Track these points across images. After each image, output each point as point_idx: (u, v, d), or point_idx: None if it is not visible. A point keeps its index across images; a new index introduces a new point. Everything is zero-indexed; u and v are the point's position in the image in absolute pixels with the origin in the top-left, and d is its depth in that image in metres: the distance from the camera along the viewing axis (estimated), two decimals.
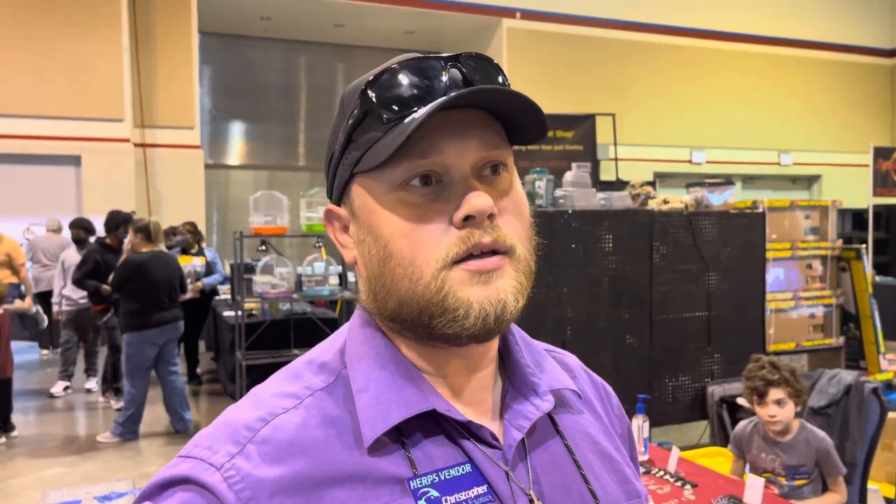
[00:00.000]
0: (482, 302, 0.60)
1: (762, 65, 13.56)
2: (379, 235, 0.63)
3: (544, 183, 4.26)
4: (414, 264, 0.61)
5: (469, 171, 0.62)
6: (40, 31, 9.08)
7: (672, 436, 4.55)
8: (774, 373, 2.76)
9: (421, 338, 0.65)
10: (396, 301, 0.63)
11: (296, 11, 11.31)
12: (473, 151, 0.62)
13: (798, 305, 5.19)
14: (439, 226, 0.61)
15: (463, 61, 0.64)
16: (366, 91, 0.63)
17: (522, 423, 0.66)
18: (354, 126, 0.64)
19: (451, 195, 0.61)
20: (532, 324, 3.98)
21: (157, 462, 4.87)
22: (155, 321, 5.28)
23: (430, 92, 0.62)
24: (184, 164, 10.27)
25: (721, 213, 4.64)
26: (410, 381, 0.63)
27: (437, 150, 0.61)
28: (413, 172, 0.61)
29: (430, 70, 0.62)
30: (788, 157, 13.87)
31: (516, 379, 0.70)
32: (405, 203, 0.61)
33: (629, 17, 12.44)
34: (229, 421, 0.63)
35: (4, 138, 8.98)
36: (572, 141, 8.31)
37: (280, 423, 0.61)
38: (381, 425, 0.60)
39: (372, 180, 0.63)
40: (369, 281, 0.65)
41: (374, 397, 0.62)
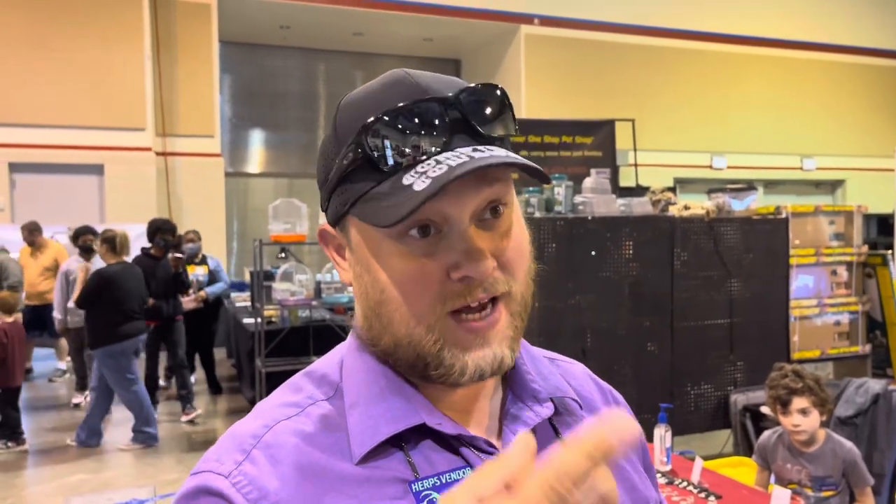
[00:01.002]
0: (478, 361, 0.61)
1: (784, 69, 13.43)
2: (377, 279, 0.63)
3: (563, 189, 4.23)
4: (411, 313, 0.61)
5: (468, 219, 0.61)
6: (64, 42, 9.22)
7: (694, 445, 4.49)
8: (798, 381, 2.72)
9: (414, 376, 0.65)
10: (392, 341, 0.63)
11: (315, 20, 11.38)
12: (474, 197, 0.60)
13: (823, 312, 5.10)
14: (438, 279, 0.60)
15: (464, 100, 0.62)
16: (361, 135, 0.61)
17: (521, 429, 0.66)
18: (349, 166, 0.62)
19: (450, 246, 0.60)
20: (551, 332, 3.95)
21: (177, 469, 4.89)
22: (127, 332, 5.27)
23: (428, 140, 0.60)
24: (204, 172, 10.36)
25: (743, 218, 4.58)
26: (400, 396, 0.64)
27: (437, 199, 0.58)
28: (413, 221, 0.59)
29: (429, 114, 0.60)
30: (811, 162, 13.70)
31: (517, 385, 0.70)
32: (403, 254, 0.61)
33: (648, 23, 12.38)
34: (235, 433, 0.64)
35: (29, 148, 9.12)
36: (591, 147, 8.25)
37: (283, 428, 0.63)
38: (369, 441, 0.61)
39: (368, 226, 0.62)
40: (365, 313, 0.66)
41: (363, 413, 0.63)
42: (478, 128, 0.62)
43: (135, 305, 5.36)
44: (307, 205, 5.79)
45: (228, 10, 10.69)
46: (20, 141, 9.10)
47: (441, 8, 11.32)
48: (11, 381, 5.29)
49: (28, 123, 9.12)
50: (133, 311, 5.33)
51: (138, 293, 5.43)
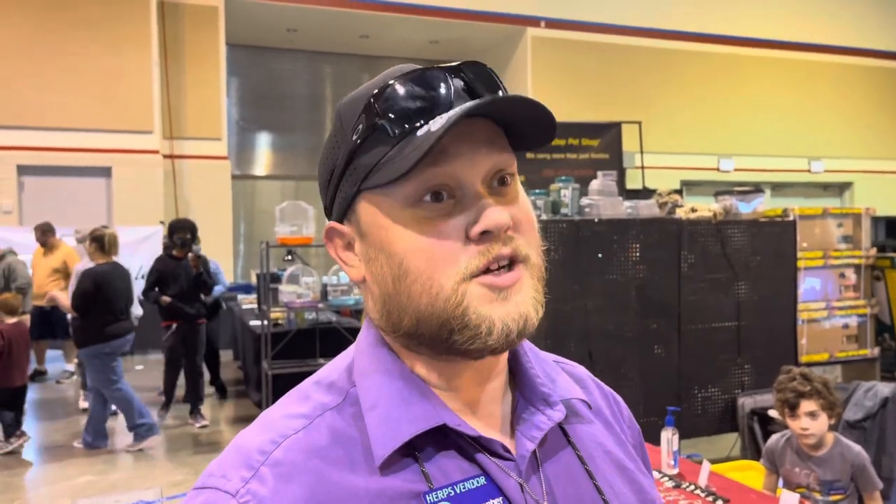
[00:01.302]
0: (504, 319, 0.60)
1: (791, 71, 13.39)
2: (393, 252, 0.62)
3: (570, 192, 4.23)
4: (433, 279, 0.60)
5: (480, 182, 0.61)
6: (74, 47, 9.28)
7: (701, 448, 4.47)
8: (806, 384, 2.70)
9: (439, 353, 0.64)
10: (414, 317, 0.62)
11: (321, 23, 11.42)
12: (484, 160, 0.61)
13: (831, 315, 5.08)
14: (456, 240, 0.60)
15: (465, 70, 0.63)
16: (370, 105, 0.62)
17: (534, 434, 0.66)
18: (359, 140, 0.62)
19: (465, 209, 0.61)
20: (558, 334, 3.94)
21: (183, 471, 4.90)
22: (114, 332, 5.24)
23: (435, 103, 0.61)
24: (211, 174, 10.40)
25: (750, 221, 4.57)
26: (420, 396, 0.63)
27: (448, 161, 0.60)
28: (426, 185, 0.60)
29: (434, 81, 0.62)
30: (819, 164, 13.64)
31: (527, 389, 0.70)
32: (419, 219, 0.61)
33: (655, 25, 12.37)
34: (241, 446, 0.63)
35: (38, 150, 9.17)
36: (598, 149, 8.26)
37: (291, 444, 0.61)
38: (391, 443, 0.60)
39: (382, 196, 0.62)
40: (382, 299, 0.65)
41: (384, 415, 0.62)
42: (481, 94, 0.63)
43: (122, 306, 5.33)
44: (314, 207, 5.79)
45: (235, 13, 10.73)
46: (29, 144, 9.15)
47: (447, 11, 11.33)
48: (9, 382, 5.31)
49: (37, 126, 9.17)
50: (121, 312, 5.29)
51: (126, 294, 5.39)
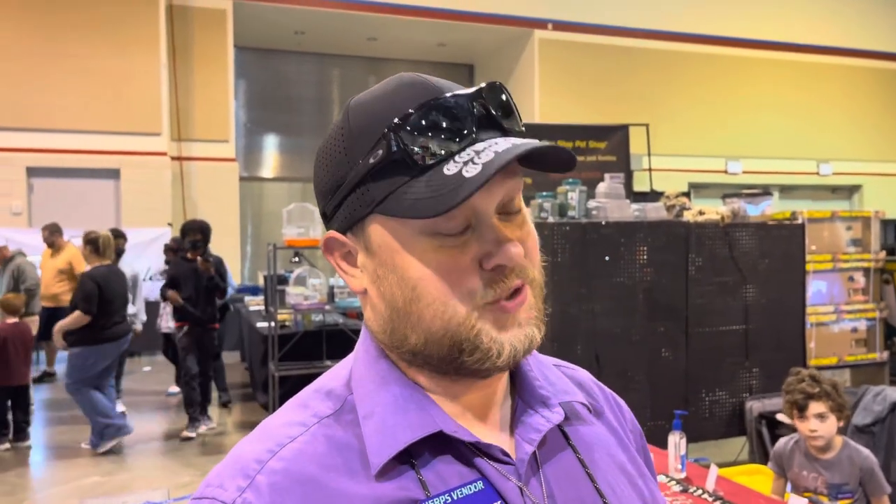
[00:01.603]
0: (513, 341, 0.62)
1: (799, 73, 13.34)
2: (405, 277, 0.62)
3: (577, 194, 4.22)
4: (447, 305, 0.61)
5: (493, 213, 0.62)
6: (83, 49, 9.33)
7: (709, 452, 4.45)
8: (815, 386, 2.69)
9: (446, 372, 0.64)
10: (422, 337, 0.63)
11: (329, 25, 11.45)
12: (499, 189, 0.62)
13: (840, 319, 5.05)
14: (470, 269, 0.61)
15: (486, 96, 0.63)
16: (390, 132, 0.60)
17: (533, 437, 0.66)
18: (376, 166, 0.61)
19: (480, 238, 0.61)
20: (565, 337, 3.94)
21: (190, 472, 4.91)
22: (111, 335, 5.23)
23: (459, 135, 0.60)
24: (219, 176, 10.44)
25: (759, 224, 4.55)
26: (415, 403, 0.64)
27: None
28: (447, 223, 0.61)
29: (458, 110, 0.61)
30: (828, 167, 13.59)
31: (525, 392, 0.70)
32: (435, 248, 0.61)
33: (662, 27, 12.35)
34: (238, 456, 0.63)
35: (47, 152, 9.22)
36: (605, 151, 8.24)
37: (287, 454, 0.61)
38: (387, 451, 0.60)
39: (397, 223, 0.62)
40: (389, 316, 0.64)
41: (380, 422, 0.62)
42: (501, 122, 0.63)
43: (118, 308, 5.31)
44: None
45: (244, 16, 10.77)
46: (38, 146, 9.21)
47: (455, 13, 11.35)
48: (7, 381, 5.34)
49: (46, 128, 9.23)
50: (116, 314, 5.27)
51: (122, 297, 5.38)
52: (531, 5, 11.71)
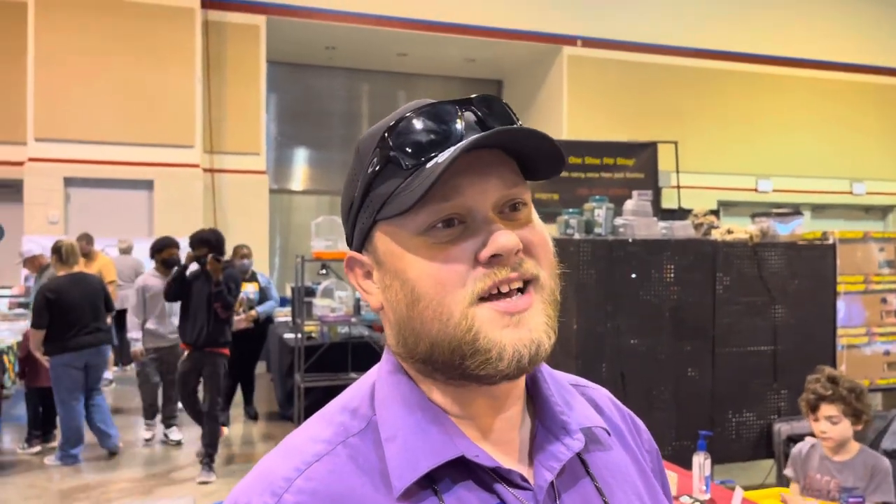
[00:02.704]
0: (516, 344, 0.61)
1: (832, 91, 13.16)
2: (406, 279, 0.63)
3: (604, 211, 4.22)
4: (442, 304, 0.61)
5: (491, 210, 0.63)
6: (120, 62, 9.57)
7: (735, 474, 4.38)
8: (829, 388, 2.65)
9: (453, 378, 0.65)
10: (427, 343, 0.63)
11: (360, 41, 11.59)
12: (494, 190, 0.63)
13: (872, 341, 4.96)
14: (464, 264, 0.62)
15: (476, 104, 0.65)
16: (385, 139, 0.64)
17: (553, 465, 0.66)
18: (375, 174, 0.64)
19: (475, 234, 0.62)
20: (590, 354, 3.92)
21: (216, 482, 4.96)
22: (73, 345, 5.11)
23: (447, 136, 0.63)
24: (249, 188, 10.59)
25: (788, 244, 4.50)
26: (438, 427, 0.64)
27: (459, 193, 0.62)
28: (437, 217, 0.62)
29: (446, 115, 0.64)
30: (861, 186, 13.36)
31: (546, 417, 0.70)
32: (430, 245, 0.62)
33: (692, 44, 12.29)
34: (265, 472, 0.64)
35: (84, 163, 9.45)
36: (633, 169, 8.22)
37: (314, 473, 0.62)
38: (409, 475, 0.60)
39: (396, 227, 0.64)
40: (398, 325, 0.66)
41: (402, 446, 0.62)
42: (492, 126, 0.64)
43: (82, 317, 5.12)
44: None
45: (277, 31, 10.96)
46: (76, 157, 9.43)
47: (484, 29, 11.42)
48: (37, 381, 5.49)
49: (83, 140, 9.46)
50: (76, 324, 5.09)
51: (90, 304, 5.20)
52: (560, 22, 11.74)
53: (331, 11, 10.81)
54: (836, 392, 2.63)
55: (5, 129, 9.62)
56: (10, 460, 5.39)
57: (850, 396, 2.62)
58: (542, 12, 11.61)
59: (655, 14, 12.08)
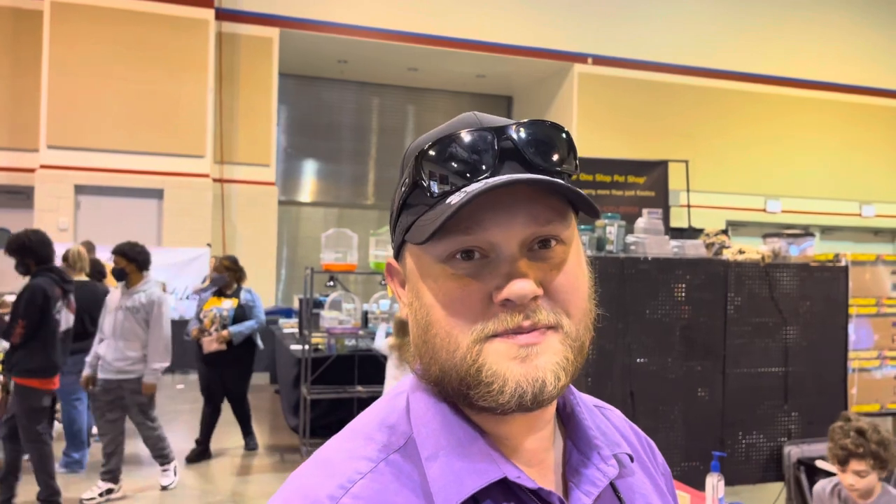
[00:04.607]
0: (518, 380, 0.59)
1: (842, 113, 13.17)
2: (424, 304, 0.64)
3: (615, 229, 4.21)
4: (451, 335, 0.61)
5: (517, 248, 0.61)
6: (134, 73, 9.65)
7: (745, 497, 4.34)
8: (859, 445, 2.63)
9: (464, 406, 0.64)
10: (438, 369, 0.63)
11: (371, 55, 11.67)
12: (520, 229, 0.61)
13: (883, 365, 4.92)
14: (479, 301, 0.61)
15: (517, 132, 0.62)
16: (417, 161, 0.63)
17: (590, 490, 0.66)
18: (407, 193, 0.65)
19: (494, 272, 0.61)
20: (600, 373, 3.90)
21: (221, 492, 4.93)
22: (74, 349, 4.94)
23: (475, 168, 0.61)
24: (258, 199, 10.63)
25: (800, 265, 4.47)
26: (479, 448, 0.63)
27: (482, 228, 0.60)
28: (457, 248, 0.61)
29: (481, 143, 0.61)
30: (870, 209, 13.33)
31: (580, 441, 0.69)
32: (448, 275, 0.62)
33: (703, 64, 12.32)
34: (307, 489, 0.62)
35: (94, 171, 9.50)
36: (644, 186, 8.22)
37: (360, 491, 0.60)
38: (455, 496, 0.59)
39: (419, 250, 0.64)
40: (416, 343, 0.66)
41: (444, 466, 0.61)
42: (529, 158, 0.62)
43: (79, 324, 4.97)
44: (357, 235, 5.87)
45: (289, 44, 11.05)
46: (87, 164, 9.49)
47: (495, 46, 11.48)
48: None
49: (95, 148, 9.52)
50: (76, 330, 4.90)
51: (88, 312, 5.11)
52: (571, 39, 11.80)
53: (343, 25, 10.89)
54: (867, 448, 2.61)
55: (18, 136, 9.70)
56: None
57: (879, 449, 2.61)
58: (554, 30, 11.68)
59: (667, 33, 12.13)
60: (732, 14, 12.60)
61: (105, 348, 4.62)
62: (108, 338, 4.62)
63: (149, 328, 4.62)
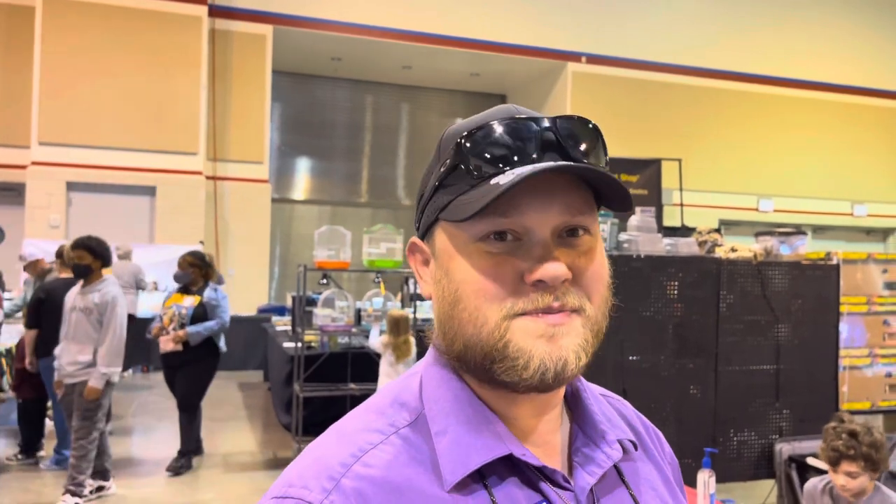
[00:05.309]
0: (543, 357, 0.62)
1: (834, 113, 13.24)
2: (453, 279, 0.65)
3: (608, 226, 4.22)
4: (479, 310, 0.63)
5: (549, 234, 0.63)
6: (126, 69, 9.60)
7: (736, 494, 4.36)
8: (851, 447, 2.64)
9: (483, 381, 0.66)
10: (462, 343, 0.65)
11: (365, 53, 11.65)
12: (556, 216, 0.63)
13: (874, 363, 4.94)
14: (511, 279, 0.63)
15: (559, 124, 0.65)
16: (461, 143, 0.65)
17: (594, 469, 0.68)
18: (446, 173, 0.66)
19: (527, 254, 0.63)
20: (592, 370, 3.90)
21: (214, 489, 4.92)
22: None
23: (519, 154, 0.63)
24: (251, 197, 10.60)
25: (792, 263, 4.49)
26: (487, 425, 0.65)
27: (520, 212, 0.63)
28: (493, 229, 0.63)
29: (525, 131, 0.64)
30: (862, 208, 13.40)
31: (586, 425, 0.71)
32: (482, 253, 0.64)
33: (697, 63, 12.36)
34: (320, 457, 0.64)
35: (87, 168, 9.46)
36: (637, 185, 8.25)
37: (371, 460, 0.63)
38: (461, 469, 0.62)
39: (455, 228, 0.66)
40: (441, 319, 0.68)
41: (453, 441, 0.64)
42: (569, 150, 0.64)
43: None
44: (351, 232, 5.87)
45: (283, 41, 11.02)
46: (79, 161, 9.45)
47: (489, 44, 11.49)
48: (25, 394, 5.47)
49: (87, 144, 9.47)
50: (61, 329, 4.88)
51: None
52: (565, 38, 11.81)
53: (337, 23, 10.87)
54: (858, 451, 2.62)
55: (9, 133, 9.65)
56: (5, 464, 5.35)
57: (870, 452, 2.62)
58: (548, 28, 11.69)
59: (661, 33, 12.16)
60: (726, 14, 12.65)
61: (59, 351, 4.43)
62: (63, 340, 4.43)
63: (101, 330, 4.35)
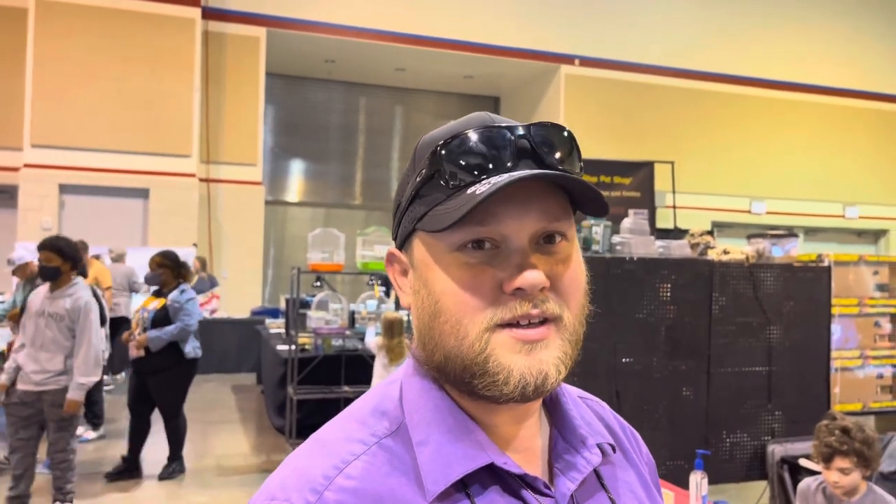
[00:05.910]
0: (523, 371, 0.62)
1: (826, 115, 13.30)
2: (432, 291, 0.65)
3: (601, 229, 4.23)
4: (460, 323, 0.63)
5: (527, 241, 0.63)
6: (119, 71, 9.58)
7: (729, 495, 4.37)
8: (843, 443, 2.66)
9: (463, 392, 0.66)
10: (442, 355, 0.65)
11: (359, 55, 11.65)
12: (533, 223, 0.64)
13: (865, 364, 4.97)
14: (490, 289, 0.63)
15: (533, 132, 0.65)
16: (436, 153, 0.65)
17: (575, 475, 0.68)
18: (422, 183, 0.66)
19: (505, 262, 0.63)
20: (585, 372, 3.92)
21: (206, 493, 4.91)
22: None
23: (495, 162, 0.63)
24: (245, 199, 10.59)
25: (784, 265, 4.51)
26: (467, 434, 0.65)
27: (497, 220, 0.63)
28: (470, 238, 0.63)
29: (500, 140, 0.64)
30: (854, 210, 13.46)
31: (565, 430, 0.72)
32: (460, 264, 0.63)
33: (689, 66, 12.41)
34: (301, 469, 0.64)
35: (79, 170, 9.42)
36: (630, 187, 8.27)
37: (353, 471, 0.63)
38: (443, 480, 0.62)
39: (432, 239, 0.66)
40: (420, 330, 0.68)
41: (435, 450, 0.64)
42: (544, 157, 0.65)
43: None
44: (344, 235, 5.87)
45: (276, 44, 11.01)
46: (71, 163, 9.41)
47: (482, 46, 11.50)
48: None
49: (80, 147, 9.44)
50: None
51: None
52: (558, 41, 11.84)
53: (331, 25, 10.87)
54: (851, 446, 2.64)
55: (2, 135, 9.61)
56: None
57: (863, 448, 2.64)
58: (541, 31, 11.72)
59: (653, 35, 12.20)
60: (718, 17, 12.70)
61: (24, 358, 4.02)
62: (28, 346, 4.03)
63: (75, 338, 4.02)
